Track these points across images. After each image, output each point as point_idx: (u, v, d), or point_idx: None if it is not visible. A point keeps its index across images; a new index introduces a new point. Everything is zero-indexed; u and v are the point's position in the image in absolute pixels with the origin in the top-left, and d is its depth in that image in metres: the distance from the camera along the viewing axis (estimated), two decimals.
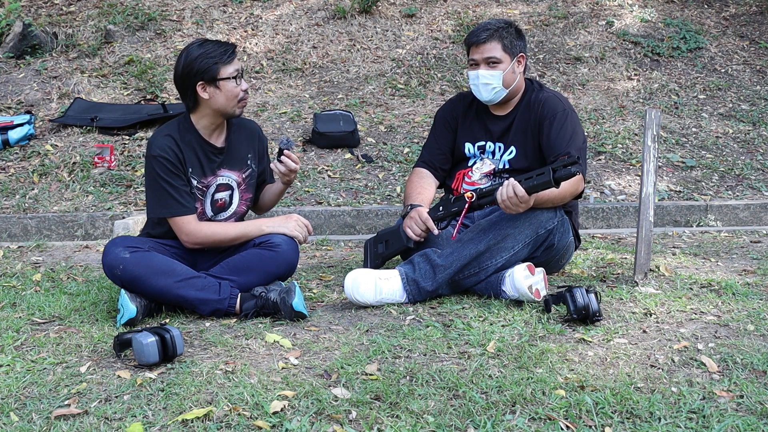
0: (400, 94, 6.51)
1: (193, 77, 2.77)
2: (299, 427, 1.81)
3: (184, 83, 2.80)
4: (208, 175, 2.88)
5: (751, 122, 6.45)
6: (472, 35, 3.06)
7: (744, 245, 3.96)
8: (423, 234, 2.98)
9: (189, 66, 2.77)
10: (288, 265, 2.88)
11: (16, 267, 3.52)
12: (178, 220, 2.80)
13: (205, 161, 2.87)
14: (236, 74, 2.80)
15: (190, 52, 2.79)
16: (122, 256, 2.64)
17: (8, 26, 6.82)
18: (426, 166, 3.27)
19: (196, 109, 2.84)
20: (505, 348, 2.30)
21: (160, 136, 2.83)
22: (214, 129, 2.89)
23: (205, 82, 2.77)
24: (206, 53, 2.77)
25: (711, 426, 1.82)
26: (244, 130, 3.00)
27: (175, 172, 2.79)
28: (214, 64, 2.76)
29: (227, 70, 2.78)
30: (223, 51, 2.79)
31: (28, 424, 1.85)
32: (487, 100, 3.11)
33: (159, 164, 2.78)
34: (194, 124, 2.86)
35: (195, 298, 2.66)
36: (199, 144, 2.86)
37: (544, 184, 2.68)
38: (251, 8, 7.52)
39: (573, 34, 7.51)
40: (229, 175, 2.92)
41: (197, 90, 2.78)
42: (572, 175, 2.67)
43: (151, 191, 2.83)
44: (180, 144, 2.81)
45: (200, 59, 2.76)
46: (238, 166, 2.93)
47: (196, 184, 2.85)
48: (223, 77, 2.77)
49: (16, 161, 5.31)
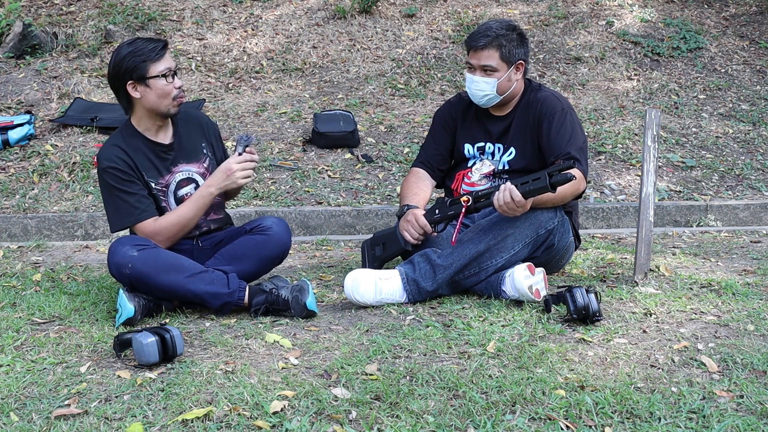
0: (400, 94, 6.51)
1: (123, 76, 2.73)
2: (299, 427, 1.81)
3: (115, 83, 2.77)
4: (164, 174, 2.85)
5: (751, 122, 6.45)
6: (471, 38, 3.04)
7: (744, 245, 3.96)
8: (420, 237, 2.98)
9: (118, 65, 2.73)
10: (281, 247, 2.87)
11: (16, 267, 3.52)
12: (140, 227, 2.76)
13: (158, 161, 2.84)
14: (167, 72, 2.74)
15: (119, 51, 2.75)
16: (130, 254, 2.62)
17: (8, 26, 6.81)
18: (423, 167, 3.27)
19: (131, 110, 2.81)
20: (505, 348, 2.30)
21: (106, 148, 2.80)
22: (158, 129, 2.85)
23: (134, 81, 2.73)
24: (135, 51, 2.72)
25: (711, 426, 1.82)
26: (191, 120, 2.96)
27: (128, 179, 2.75)
28: (143, 62, 2.71)
29: (157, 67, 2.73)
30: (152, 48, 2.73)
31: (28, 424, 1.85)
32: (479, 104, 3.11)
33: (110, 175, 2.75)
34: (136, 127, 2.83)
35: (205, 292, 2.65)
36: (146, 146, 2.82)
37: (540, 189, 2.68)
38: (251, 8, 7.51)
39: (573, 34, 7.51)
40: (188, 169, 2.89)
41: (128, 89, 2.74)
42: (569, 180, 2.66)
43: (108, 205, 2.80)
44: (127, 151, 2.78)
45: (128, 58, 2.71)
46: (194, 158, 2.90)
47: (155, 186, 2.82)
48: (153, 75, 2.72)
49: (16, 161, 5.31)
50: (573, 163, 2.69)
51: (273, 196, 4.88)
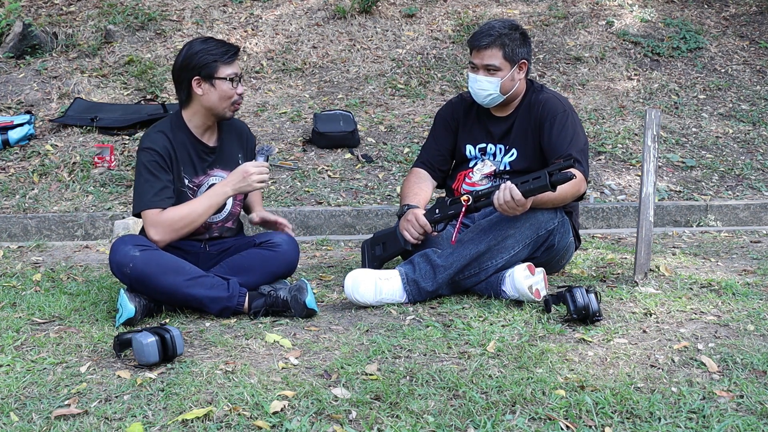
0: (400, 94, 6.51)
1: (191, 71, 2.77)
2: (299, 427, 1.81)
3: (180, 75, 2.80)
4: (200, 174, 2.87)
5: (751, 122, 6.45)
6: (474, 38, 3.04)
7: (744, 245, 3.96)
8: (420, 237, 2.98)
9: (189, 59, 2.78)
10: (288, 265, 2.88)
11: (16, 267, 3.52)
12: (148, 213, 2.73)
13: (197, 160, 2.86)
14: (234, 76, 2.79)
15: (192, 46, 2.80)
16: (132, 254, 2.62)
17: (8, 26, 6.81)
18: (424, 167, 3.27)
19: (188, 104, 2.84)
20: (505, 348, 2.30)
21: (152, 132, 2.84)
22: (206, 128, 2.88)
23: (201, 77, 2.77)
24: (208, 49, 2.77)
25: (711, 426, 1.82)
26: (234, 129, 3.00)
27: (163, 166, 2.77)
28: (214, 62, 2.76)
29: (226, 70, 2.78)
30: (225, 51, 2.79)
31: (28, 424, 1.85)
32: (483, 104, 3.11)
33: (147, 156, 2.77)
34: (186, 122, 2.86)
35: (205, 296, 2.64)
36: (191, 143, 2.85)
37: (540, 188, 2.69)
38: (251, 8, 7.51)
39: (573, 34, 7.51)
40: (222, 175, 2.90)
41: (192, 84, 2.78)
42: (569, 179, 2.67)
43: (136, 187, 2.81)
44: (173, 142, 2.81)
45: (201, 54, 2.76)
46: (230, 166, 2.92)
47: (188, 183, 2.84)
48: (220, 76, 2.77)
49: (16, 161, 5.31)
50: (573, 163, 2.69)
51: (273, 196, 4.88)
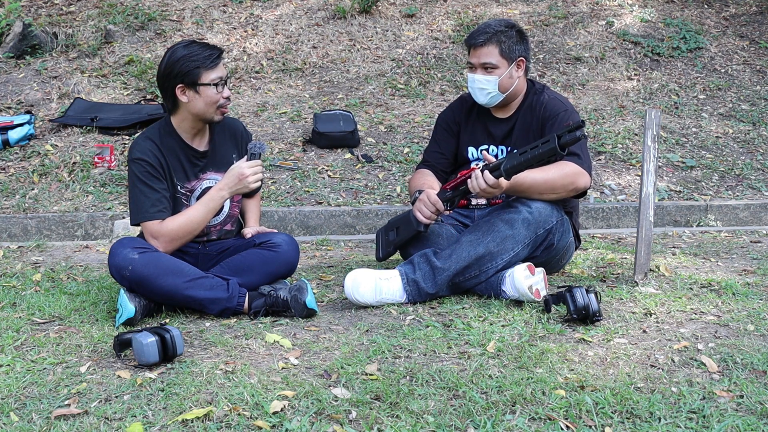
0: (400, 94, 6.51)
1: (173, 79, 2.72)
2: (299, 427, 1.81)
3: (164, 84, 2.75)
4: (191, 179, 2.85)
5: (751, 122, 6.45)
6: (471, 37, 3.06)
7: (744, 245, 3.96)
8: (433, 216, 2.96)
9: (170, 67, 2.72)
10: (288, 265, 2.88)
11: (16, 267, 3.52)
12: (148, 225, 2.74)
13: (188, 165, 2.84)
14: (218, 81, 2.73)
15: (174, 53, 2.73)
16: (131, 256, 2.61)
17: (8, 26, 6.82)
18: (428, 168, 3.28)
19: (175, 111, 2.80)
20: (505, 348, 2.30)
21: (140, 140, 2.80)
22: (196, 133, 2.85)
23: (185, 85, 2.72)
24: (190, 56, 2.70)
25: (711, 426, 1.82)
26: (228, 129, 2.95)
27: (156, 175, 2.75)
28: (196, 68, 2.70)
29: (210, 75, 2.72)
30: (207, 55, 2.72)
31: (28, 424, 1.85)
32: (483, 103, 3.11)
33: (138, 167, 2.74)
34: (175, 127, 2.82)
35: (204, 297, 2.64)
36: (180, 148, 2.82)
37: (549, 152, 2.66)
38: (251, 8, 7.51)
39: (573, 34, 7.51)
40: (216, 178, 2.88)
41: (176, 92, 2.73)
42: (578, 139, 2.64)
43: (131, 198, 2.79)
44: (161, 148, 2.78)
45: (183, 61, 2.70)
46: (223, 167, 2.88)
47: (180, 189, 2.82)
48: (204, 83, 2.71)
49: (16, 161, 5.31)
50: (582, 123, 2.65)
51: (273, 196, 4.88)
